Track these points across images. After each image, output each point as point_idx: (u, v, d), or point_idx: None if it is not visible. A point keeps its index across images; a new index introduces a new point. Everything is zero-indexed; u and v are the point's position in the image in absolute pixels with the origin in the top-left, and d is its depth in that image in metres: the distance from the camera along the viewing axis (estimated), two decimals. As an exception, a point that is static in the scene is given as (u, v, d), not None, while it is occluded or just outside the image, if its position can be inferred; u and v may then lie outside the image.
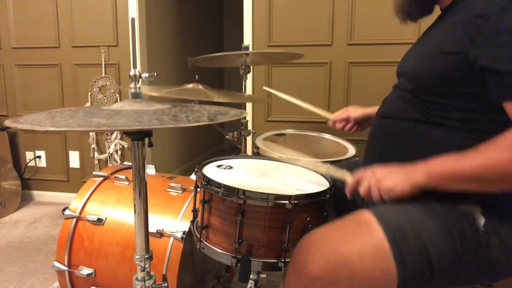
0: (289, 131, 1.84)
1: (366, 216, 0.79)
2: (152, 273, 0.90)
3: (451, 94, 0.80)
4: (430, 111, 0.84)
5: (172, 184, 1.35)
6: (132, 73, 0.82)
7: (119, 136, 2.61)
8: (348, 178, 0.90)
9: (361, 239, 0.75)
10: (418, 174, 0.77)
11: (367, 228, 0.76)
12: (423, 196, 0.80)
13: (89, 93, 2.59)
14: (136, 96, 0.83)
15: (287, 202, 0.84)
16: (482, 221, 0.78)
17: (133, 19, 0.78)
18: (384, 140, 0.94)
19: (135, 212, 0.85)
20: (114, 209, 1.31)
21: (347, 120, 1.32)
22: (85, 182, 1.45)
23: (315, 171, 1.09)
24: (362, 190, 0.84)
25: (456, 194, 0.81)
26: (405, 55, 1.01)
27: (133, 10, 2.45)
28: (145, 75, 0.87)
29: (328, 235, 0.78)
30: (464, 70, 0.77)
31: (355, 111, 1.31)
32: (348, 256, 0.74)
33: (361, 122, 1.31)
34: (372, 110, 1.25)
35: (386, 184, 0.80)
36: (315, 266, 0.74)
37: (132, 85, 0.82)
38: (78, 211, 1.32)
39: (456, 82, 0.79)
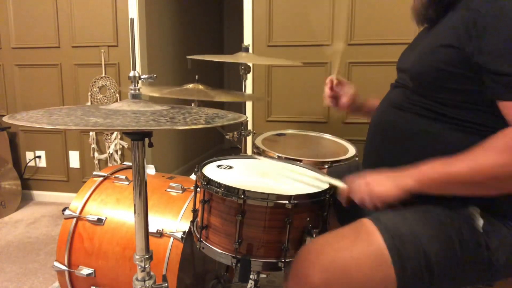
0: (289, 131, 1.84)
1: (366, 224, 0.79)
2: (152, 273, 0.90)
3: (449, 89, 0.80)
4: (428, 106, 0.83)
5: (172, 184, 1.35)
6: (131, 74, 0.82)
7: (119, 136, 2.61)
8: (341, 186, 0.90)
9: (361, 247, 0.76)
10: (408, 179, 0.78)
11: (367, 236, 0.77)
12: (421, 200, 0.81)
13: (89, 93, 2.59)
14: (135, 97, 0.83)
15: (287, 202, 0.84)
16: (481, 222, 0.78)
17: (132, 20, 0.78)
18: (382, 137, 0.94)
19: (135, 212, 0.85)
20: (114, 209, 1.31)
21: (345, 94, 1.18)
22: (85, 182, 1.45)
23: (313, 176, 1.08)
24: (356, 199, 0.84)
25: (454, 196, 0.81)
26: (405, 50, 1.00)
27: (133, 10, 2.44)
28: (144, 76, 0.88)
29: (327, 244, 0.79)
30: (462, 65, 0.76)
31: (356, 94, 1.19)
32: (348, 265, 0.74)
33: (354, 105, 1.19)
34: (372, 102, 1.19)
35: (378, 190, 0.80)
36: (315, 275, 0.75)
37: (131, 86, 0.83)
38: (78, 211, 1.32)
39: (453, 77, 0.78)
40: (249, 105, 2.34)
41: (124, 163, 1.63)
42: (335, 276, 0.74)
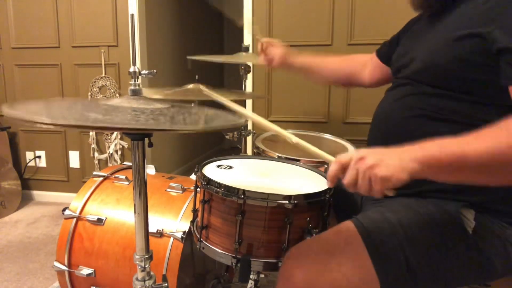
0: (289, 131, 1.84)
1: (347, 227, 0.79)
2: (152, 273, 0.90)
3: (466, 81, 0.76)
4: (440, 104, 0.79)
5: (172, 184, 1.35)
6: (131, 70, 0.82)
7: (119, 136, 2.61)
8: (331, 160, 0.73)
9: (341, 249, 0.76)
10: (413, 162, 0.65)
11: (347, 238, 0.77)
12: (409, 197, 0.80)
13: (89, 93, 2.59)
14: (135, 93, 0.83)
15: (287, 202, 0.84)
16: (472, 224, 0.76)
17: (132, 15, 0.78)
18: (384, 135, 0.91)
19: (135, 212, 0.85)
20: (114, 209, 1.31)
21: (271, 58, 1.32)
22: (85, 182, 1.45)
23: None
24: (347, 179, 0.67)
25: (446, 194, 0.80)
26: (409, 45, 0.96)
27: (133, 10, 2.44)
28: (144, 72, 0.87)
29: (310, 248, 0.80)
30: (483, 54, 0.72)
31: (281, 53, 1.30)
32: (329, 267, 0.75)
33: (285, 63, 1.32)
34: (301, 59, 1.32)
35: (381, 172, 0.63)
36: (298, 277, 0.76)
37: (131, 82, 0.82)
38: (78, 211, 1.32)
39: (473, 68, 0.74)
40: (249, 105, 2.34)
41: (124, 163, 1.63)
42: (318, 278, 0.75)
